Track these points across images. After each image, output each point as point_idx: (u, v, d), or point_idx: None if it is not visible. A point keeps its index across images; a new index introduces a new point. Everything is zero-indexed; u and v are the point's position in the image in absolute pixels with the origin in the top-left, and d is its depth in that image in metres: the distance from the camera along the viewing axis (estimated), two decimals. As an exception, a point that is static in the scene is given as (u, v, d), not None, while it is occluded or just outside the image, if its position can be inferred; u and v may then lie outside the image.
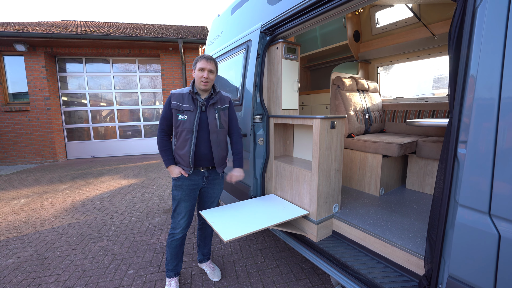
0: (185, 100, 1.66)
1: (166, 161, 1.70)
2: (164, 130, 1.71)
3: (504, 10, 0.81)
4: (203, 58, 1.65)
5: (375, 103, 2.96)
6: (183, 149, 1.66)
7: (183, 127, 1.64)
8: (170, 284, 1.84)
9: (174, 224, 1.78)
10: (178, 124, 1.64)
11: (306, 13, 1.72)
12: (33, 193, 4.22)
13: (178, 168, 1.69)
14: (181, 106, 1.64)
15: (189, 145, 1.64)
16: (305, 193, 1.85)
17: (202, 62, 1.63)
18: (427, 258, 1.18)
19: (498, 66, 0.83)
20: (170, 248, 1.80)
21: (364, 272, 1.46)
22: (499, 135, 0.83)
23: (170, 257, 1.82)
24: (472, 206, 0.91)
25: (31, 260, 2.27)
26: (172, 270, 1.85)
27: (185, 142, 1.65)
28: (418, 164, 2.36)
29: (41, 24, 7.77)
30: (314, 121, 1.69)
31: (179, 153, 1.68)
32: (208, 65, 1.63)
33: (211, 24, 3.39)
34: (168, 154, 1.71)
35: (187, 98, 1.67)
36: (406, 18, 2.66)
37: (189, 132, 1.63)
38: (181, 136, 1.65)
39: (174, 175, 1.70)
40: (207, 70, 1.63)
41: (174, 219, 1.78)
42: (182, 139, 1.65)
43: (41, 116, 6.71)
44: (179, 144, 1.68)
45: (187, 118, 1.63)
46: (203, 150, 1.69)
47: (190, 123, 1.63)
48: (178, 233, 1.77)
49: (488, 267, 0.88)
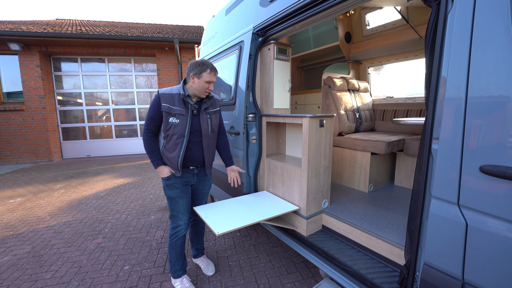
0: (176, 103, 1.61)
1: (155, 162, 1.67)
2: (151, 131, 1.65)
3: (469, 16, 0.88)
4: (213, 71, 1.61)
5: (365, 102, 3.04)
6: (172, 152, 1.64)
7: (174, 131, 1.61)
8: (182, 282, 1.83)
9: (175, 223, 1.77)
10: (169, 127, 1.61)
11: (296, 16, 1.78)
12: (29, 192, 4.23)
13: (167, 168, 1.68)
14: (172, 109, 1.60)
15: (179, 149, 1.63)
16: (296, 189, 1.92)
17: (212, 75, 1.60)
18: (407, 248, 1.25)
19: (465, 68, 0.90)
20: (174, 248, 1.79)
21: (350, 263, 1.53)
22: (466, 131, 0.90)
23: (176, 257, 1.81)
24: (443, 198, 0.98)
25: (28, 257, 2.30)
26: (180, 270, 1.85)
27: (175, 146, 1.63)
28: (406, 162, 2.45)
29: (35, 23, 7.72)
30: (303, 120, 1.76)
31: (167, 155, 1.67)
32: (214, 78, 1.63)
33: (206, 24, 3.44)
34: (156, 155, 1.67)
35: (177, 100, 1.62)
36: (395, 20, 2.74)
37: (180, 136, 1.62)
38: (171, 139, 1.63)
39: (164, 175, 1.68)
40: (212, 82, 1.63)
41: (173, 218, 1.77)
42: (173, 142, 1.63)
43: (36, 116, 6.69)
44: (168, 147, 1.65)
45: (179, 122, 1.61)
46: (193, 153, 1.70)
47: (181, 128, 1.61)
48: (180, 231, 1.77)
49: (457, 254, 0.95)
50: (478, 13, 0.87)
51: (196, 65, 1.60)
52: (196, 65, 1.60)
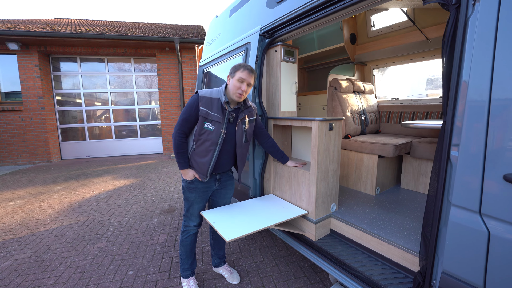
0: (214, 108, 1.56)
1: (182, 163, 1.63)
2: (184, 133, 1.60)
3: (493, 21, 0.86)
4: (246, 69, 1.54)
5: (370, 104, 3.03)
6: (203, 158, 1.61)
7: (208, 137, 1.57)
8: (189, 283, 1.84)
9: (187, 222, 1.80)
10: (203, 132, 1.56)
11: (305, 17, 1.76)
12: (28, 194, 4.17)
13: (192, 172, 1.65)
14: (209, 115, 1.54)
15: (211, 156, 1.60)
16: (304, 193, 1.89)
17: (245, 73, 1.53)
18: (421, 255, 1.23)
19: (488, 73, 0.88)
20: (184, 245, 1.81)
21: (362, 269, 1.51)
22: (489, 138, 0.88)
23: (185, 255, 1.83)
24: (464, 206, 0.96)
25: (29, 262, 2.26)
26: (189, 269, 1.85)
27: (207, 152, 1.59)
28: (412, 164, 2.43)
29: (33, 22, 7.64)
30: (312, 123, 1.73)
31: (197, 160, 1.62)
32: (248, 78, 1.54)
33: (209, 25, 3.41)
34: (184, 157, 1.63)
35: (216, 105, 1.56)
36: (401, 22, 2.72)
37: (213, 144, 1.58)
38: (204, 145, 1.59)
39: (187, 178, 1.66)
40: (246, 82, 1.55)
41: (186, 218, 1.80)
42: (205, 148, 1.59)
43: (34, 116, 6.61)
44: (199, 151, 1.61)
45: (214, 129, 1.56)
46: (223, 161, 1.69)
47: (216, 135, 1.57)
48: (192, 229, 1.80)
49: (478, 263, 0.93)
50: (502, 18, 0.85)
51: (233, 67, 1.60)
52: (233, 67, 1.59)
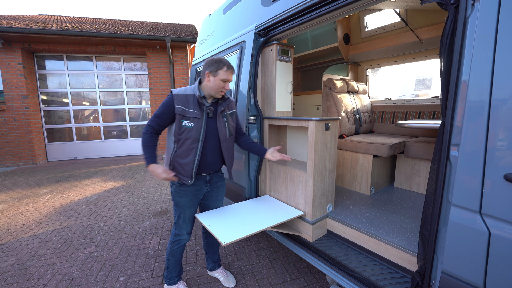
0: (190, 105, 1.52)
1: (148, 158, 1.48)
2: (153, 128, 1.53)
3: (493, 21, 0.86)
4: (230, 69, 1.53)
5: (364, 104, 3.05)
6: (186, 158, 1.54)
7: (188, 135, 1.52)
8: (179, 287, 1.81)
9: (179, 230, 1.70)
10: (182, 131, 1.51)
11: (300, 16, 1.74)
12: (11, 198, 3.97)
13: (161, 168, 1.49)
14: (186, 111, 1.50)
15: (194, 154, 1.54)
16: (300, 194, 1.87)
17: (228, 73, 1.52)
18: (419, 255, 1.23)
19: (488, 73, 0.88)
20: (174, 256, 1.73)
21: (359, 270, 1.50)
22: (489, 138, 0.88)
23: (174, 264, 1.76)
24: (464, 206, 0.96)
25: (12, 270, 2.14)
26: (177, 276, 1.81)
27: (189, 151, 1.54)
28: (406, 164, 2.46)
29: (16, 18, 7.32)
30: (309, 123, 1.71)
31: (179, 162, 1.55)
32: (231, 77, 1.55)
33: (202, 23, 3.34)
34: (151, 151, 1.51)
35: (192, 102, 1.53)
36: (393, 23, 2.75)
37: (195, 141, 1.53)
38: (185, 144, 1.53)
39: (157, 176, 1.48)
40: (229, 81, 1.55)
41: (177, 226, 1.69)
42: (186, 147, 1.53)
43: (18, 116, 6.33)
44: (181, 152, 1.54)
45: (193, 126, 1.51)
46: (209, 159, 1.62)
47: (196, 132, 1.52)
48: (184, 238, 1.71)
49: (479, 263, 0.93)
50: (502, 18, 0.84)
51: (212, 62, 1.52)
52: (213, 63, 1.51)
